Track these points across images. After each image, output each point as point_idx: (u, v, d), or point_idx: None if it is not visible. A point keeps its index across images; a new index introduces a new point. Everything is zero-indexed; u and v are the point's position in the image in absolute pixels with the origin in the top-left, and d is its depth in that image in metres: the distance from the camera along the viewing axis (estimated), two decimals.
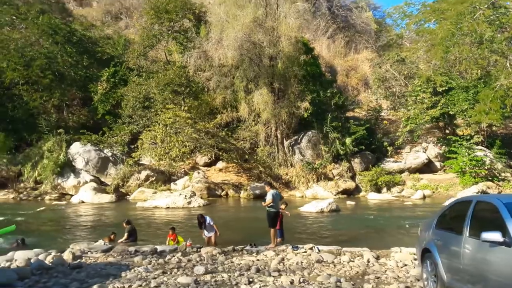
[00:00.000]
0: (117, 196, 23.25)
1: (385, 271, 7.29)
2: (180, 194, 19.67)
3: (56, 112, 28.18)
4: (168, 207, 19.18)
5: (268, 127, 24.10)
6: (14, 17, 29.18)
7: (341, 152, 23.66)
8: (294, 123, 23.97)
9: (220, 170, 27.07)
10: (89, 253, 9.04)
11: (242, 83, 23.29)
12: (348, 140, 23.58)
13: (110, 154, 26.06)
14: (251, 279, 6.56)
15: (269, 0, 24.02)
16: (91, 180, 24.49)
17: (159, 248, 9.58)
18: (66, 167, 25.08)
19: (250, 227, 13.75)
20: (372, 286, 6.38)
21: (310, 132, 25.06)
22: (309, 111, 23.73)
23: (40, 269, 7.36)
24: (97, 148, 25.69)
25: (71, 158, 25.21)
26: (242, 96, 23.38)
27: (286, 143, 24.62)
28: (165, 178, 25.88)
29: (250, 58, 22.84)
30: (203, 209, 19.24)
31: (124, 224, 11.46)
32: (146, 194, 23.44)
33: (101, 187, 24.08)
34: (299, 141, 24.99)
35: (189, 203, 19.33)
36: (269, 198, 9.71)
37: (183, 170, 26.37)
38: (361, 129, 24.18)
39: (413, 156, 25.82)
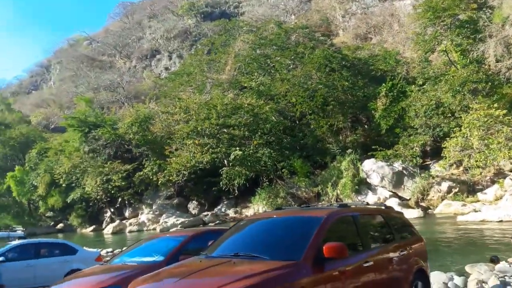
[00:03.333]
0: (422, 211, 22.28)
1: None
2: None
3: (341, 133, 29.87)
4: (501, 221, 16.66)
5: None
6: (292, 58, 33.06)
7: None
8: None
9: None
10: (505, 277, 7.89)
11: None
12: None
13: (401, 168, 25.55)
14: None
15: None
16: (390, 196, 24.41)
17: None
18: (362, 185, 25.95)
19: None
20: None
21: None
22: None
23: None
24: (388, 163, 25.58)
25: (365, 175, 25.91)
26: None
27: None
28: (468, 189, 23.36)
29: None
30: None
31: None
32: (454, 207, 21.53)
33: (403, 202, 23.62)
34: None
35: None
36: None
37: (488, 178, 23.20)
38: None
39: None
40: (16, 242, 12.46)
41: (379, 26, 47.35)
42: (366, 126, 30.96)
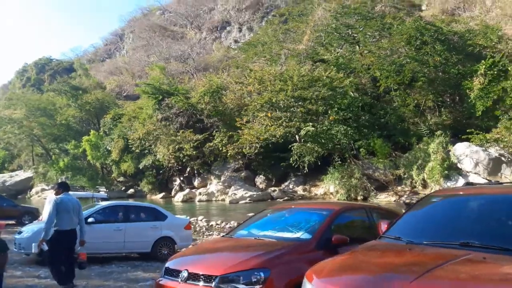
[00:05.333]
0: None
1: None
2: None
3: (429, 113, 27.40)
4: None
5: None
6: (378, 29, 30.50)
7: None
8: None
9: None
10: None
11: None
12: None
13: (497, 154, 22.94)
14: None
15: None
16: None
17: None
18: (451, 170, 23.67)
19: None
20: None
21: None
22: None
23: None
24: (483, 148, 23.06)
25: (456, 160, 23.58)
26: None
27: None
28: None
29: None
30: None
31: None
32: None
33: None
34: None
35: None
36: None
37: None
38: None
39: None
40: (102, 203, 12.05)
41: (469, 1, 42.99)
42: (453, 107, 28.17)
